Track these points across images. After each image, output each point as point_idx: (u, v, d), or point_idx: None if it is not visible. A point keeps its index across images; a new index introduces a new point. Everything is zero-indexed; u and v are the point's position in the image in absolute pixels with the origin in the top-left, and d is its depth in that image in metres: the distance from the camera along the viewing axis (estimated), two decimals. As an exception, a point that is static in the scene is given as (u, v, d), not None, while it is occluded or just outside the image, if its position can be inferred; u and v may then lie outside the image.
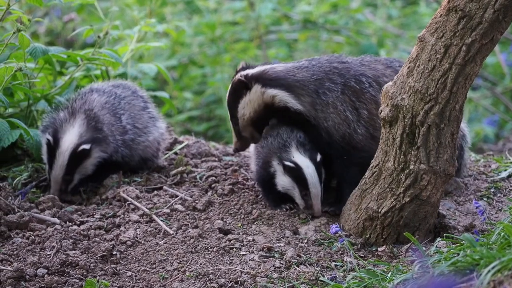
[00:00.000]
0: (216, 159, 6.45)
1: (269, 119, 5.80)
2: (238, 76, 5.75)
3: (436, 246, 4.86)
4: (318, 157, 5.53)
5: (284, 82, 5.73)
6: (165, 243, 5.40)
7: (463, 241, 4.55)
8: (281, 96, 5.68)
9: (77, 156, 5.91)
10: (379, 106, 5.28)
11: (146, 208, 5.73)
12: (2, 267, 5.10)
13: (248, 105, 5.74)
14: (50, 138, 5.91)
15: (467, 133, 6.00)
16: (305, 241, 5.38)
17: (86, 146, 5.91)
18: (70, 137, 5.91)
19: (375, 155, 5.28)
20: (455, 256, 4.32)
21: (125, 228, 5.56)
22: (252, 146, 5.88)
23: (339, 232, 5.06)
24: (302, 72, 5.77)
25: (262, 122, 5.80)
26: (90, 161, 5.99)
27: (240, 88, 5.75)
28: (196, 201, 5.77)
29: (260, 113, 5.76)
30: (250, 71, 5.75)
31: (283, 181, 5.59)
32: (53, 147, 5.90)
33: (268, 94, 5.70)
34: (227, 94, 5.83)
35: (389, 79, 5.54)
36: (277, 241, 5.38)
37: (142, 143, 6.18)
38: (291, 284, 4.94)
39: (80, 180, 6.03)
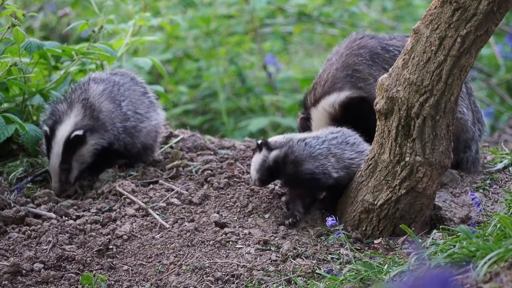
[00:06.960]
0: (212, 152, 6.45)
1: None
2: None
3: (432, 238, 4.87)
4: None
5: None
6: (161, 237, 5.40)
7: (459, 233, 4.55)
8: (327, 102, 5.83)
9: (72, 143, 5.92)
10: None
11: (142, 202, 5.73)
12: (-1, 262, 5.11)
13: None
14: (47, 129, 5.93)
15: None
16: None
17: (79, 132, 5.91)
18: (66, 127, 5.92)
19: (370, 147, 5.28)
20: (451, 248, 4.32)
21: (121, 222, 5.56)
22: None
23: (335, 224, 5.07)
24: (327, 71, 5.86)
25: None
26: (86, 148, 5.98)
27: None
28: (192, 195, 5.76)
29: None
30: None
31: None
32: (49, 137, 5.92)
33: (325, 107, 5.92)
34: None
35: None
36: (273, 234, 5.38)
37: (144, 128, 6.18)
38: (288, 277, 4.94)
39: (80, 169, 6.02)
